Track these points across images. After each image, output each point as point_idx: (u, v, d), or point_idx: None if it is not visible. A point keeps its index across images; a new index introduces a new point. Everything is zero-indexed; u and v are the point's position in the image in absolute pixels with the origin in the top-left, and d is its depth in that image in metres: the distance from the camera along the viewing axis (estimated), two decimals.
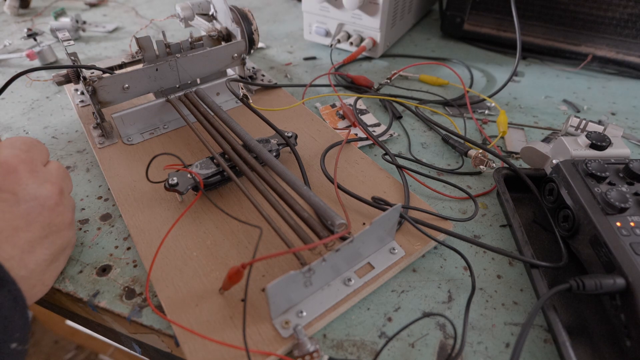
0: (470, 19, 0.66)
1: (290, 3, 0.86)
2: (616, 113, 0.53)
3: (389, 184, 0.39)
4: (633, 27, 0.57)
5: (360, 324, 0.30)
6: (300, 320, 0.28)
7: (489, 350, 0.28)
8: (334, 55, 0.64)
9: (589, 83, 0.59)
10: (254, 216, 0.36)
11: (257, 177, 0.34)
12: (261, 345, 0.27)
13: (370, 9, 0.58)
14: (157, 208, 0.36)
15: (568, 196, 0.33)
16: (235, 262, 0.32)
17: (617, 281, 0.27)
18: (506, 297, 0.31)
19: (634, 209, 0.31)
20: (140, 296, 0.31)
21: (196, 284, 0.30)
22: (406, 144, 0.46)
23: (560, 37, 0.62)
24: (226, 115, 0.41)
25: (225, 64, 0.48)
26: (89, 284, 0.32)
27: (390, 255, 0.32)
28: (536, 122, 0.51)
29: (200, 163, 0.37)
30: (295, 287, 0.27)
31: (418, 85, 0.57)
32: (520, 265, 0.34)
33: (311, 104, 0.53)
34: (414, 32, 0.73)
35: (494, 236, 0.36)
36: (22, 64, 0.63)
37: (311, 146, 0.43)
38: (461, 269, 0.33)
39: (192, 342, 0.27)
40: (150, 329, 0.30)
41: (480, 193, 0.40)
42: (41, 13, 0.80)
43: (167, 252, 0.32)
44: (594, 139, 0.36)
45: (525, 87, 0.57)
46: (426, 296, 0.31)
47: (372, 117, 0.50)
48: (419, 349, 0.28)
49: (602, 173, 0.32)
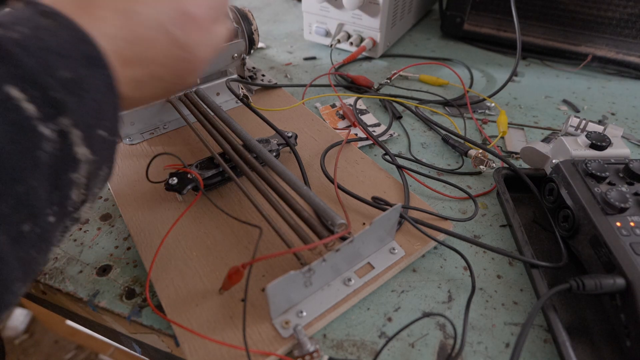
0: (470, 19, 0.66)
1: (290, 3, 0.86)
2: (616, 113, 0.53)
3: (389, 184, 0.39)
4: (633, 27, 0.57)
5: (360, 324, 0.30)
6: (300, 320, 0.28)
7: (489, 350, 0.28)
8: (334, 55, 0.64)
9: (589, 83, 0.59)
10: (254, 216, 0.36)
11: (257, 177, 0.34)
12: (261, 345, 0.27)
13: (370, 9, 0.58)
14: (157, 208, 0.36)
15: (568, 196, 0.33)
16: (235, 262, 0.32)
17: (617, 281, 0.27)
18: (506, 297, 0.31)
19: (634, 209, 0.31)
20: (140, 296, 0.31)
21: (196, 284, 0.30)
22: (406, 144, 0.46)
23: (560, 37, 0.62)
24: (226, 115, 0.41)
25: (225, 64, 0.48)
26: (89, 284, 0.32)
27: (390, 255, 0.32)
28: (536, 122, 0.51)
29: (200, 163, 0.37)
30: (295, 287, 0.27)
31: (418, 85, 0.57)
32: (520, 265, 0.34)
33: (311, 104, 0.53)
34: (414, 32, 0.73)
35: (494, 236, 0.36)
36: None
37: (311, 146, 0.43)
38: (461, 269, 0.33)
39: (192, 342, 0.27)
40: (150, 329, 0.30)
41: (480, 193, 0.40)
42: None
43: (167, 252, 0.32)
44: (594, 139, 0.36)
45: (525, 87, 0.57)
46: (426, 296, 0.31)
47: (372, 117, 0.50)
48: (419, 349, 0.28)
49: (602, 173, 0.32)
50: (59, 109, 0.18)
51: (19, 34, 0.18)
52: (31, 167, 0.17)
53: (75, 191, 0.20)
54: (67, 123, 0.19)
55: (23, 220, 0.17)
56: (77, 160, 0.19)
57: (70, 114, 0.18)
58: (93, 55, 0.20)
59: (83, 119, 0.19)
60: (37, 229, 0.18)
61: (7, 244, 0.17)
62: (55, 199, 0.19)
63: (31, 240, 0.18)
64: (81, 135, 0.19)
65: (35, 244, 0.18)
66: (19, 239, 0.17)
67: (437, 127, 0.47)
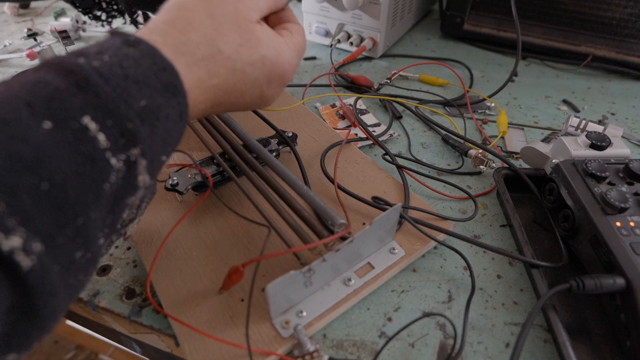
0: (470, 19, 0.66)
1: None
2: (616, 113, 0.53)
3: (389, 184, 0.39)
4: (633, 27, 0.57)
5: (360, 324, 0.30)
6: (300, 320, 0.28)
7: (489, 350, 0.28)
8: (334, 55, 0.64)
9: (589, 83, 0.59)
10: (254, 216, 0.36)
11: (257, 177, 0.34)
12: (261, 345, 0.27)
13: (371, 9, 0.58)
14: (157, 208, 0.36)
15: (568, 196, 0.33)
16: (236, 262, 0.32)
17: (617, 281, 0.27)
18: (506, 297, 0.31)
19: (633, 209, 0.31)
20: (140, 296, 0.31)
21: (196, 283, 0.30)
22: (406, 144, 0.46)
23: (560, 37, 0.62)
24: (226, 115, 0.41)
25: None
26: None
27: (390, 255, 0.32)
28: (536, 122, 0.51)
29: (200, 163, 0.37)
30: (295, 287, 0.27)
31: (418, 85, 0.57)
32: (520, 265, 0.34)
33: (311, 104, 0.53)
34: (414, 32, 0.73)
35: (494, 236, 0.36)
36: (23, 64, 0.63)
37: (311, 146, 0.43)
38: (461, 269, 0.33)
39: (193, 342, 0.27)
40: (150, 329, 0.30)
41: (480, 193, 0.40)
42: (41, 13, 0.80)
43: (167, 252, 0.32)
44: (594, 139, 0.36)
45: (525, 87, 0.57)
46: (426, 296, 0.31)
47: (372, 117, 0.50)
48: (419, 349, 0.28)
49: (602, 173, 0.32)
50: (131, 140, 0.18)
51: (100, 63, 0.18)
52: (94, 199, 0.17)
53: (127, 212, 0.20)
54: (137, 153, 0.18)
55: (77, 249, 0.17)
56: (137, 187, 0.19)
57: (140, 143, 0.18)
58: (173, 84, 0.20)
59: (151, 148, 0.19)
60: (88, 254, 0.18)
61: (58, 273, 0.16)
62: (108, 221, 0.19)
63: (81, 266, 0.18)
64: (146, 164, 0.19)
65: (84, 268, 0.18)
66: (70, 266, 0.17)
67: (437, 127, 0.47)
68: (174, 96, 0.20)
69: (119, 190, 0.18)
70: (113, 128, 0.17)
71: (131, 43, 0.20)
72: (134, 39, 0.20)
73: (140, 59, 0.19)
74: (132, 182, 0.19)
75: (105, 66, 0.18)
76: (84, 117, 0.17)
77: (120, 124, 0.18)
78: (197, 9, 0.23)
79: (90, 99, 0.17)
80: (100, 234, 0.19)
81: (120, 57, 0.19)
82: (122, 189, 0.19)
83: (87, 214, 0.17)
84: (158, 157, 0.20)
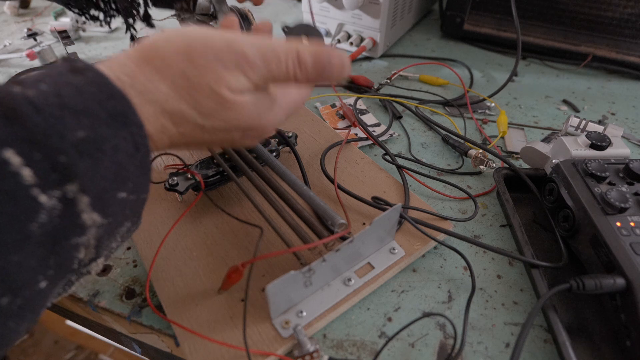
0: (470, 19, 0.66)
1: (290, 3, 0.86)
2: (616, 113, 0.53)
3: (389, 184, 0.39)
4: (633, 27, 0.57)
5: (360, 324, 0.30)
6: (300, 320, 0.28)
7: (489, 350, 0.28)
8: None
9: (589, 83, 0.59)
10: (254, 216, 0.36)
11: (257, 177, 0.34)
12: (261, 345, 0.27)
13: (371, 9, 0.58)
14: (157, 208, 0.36)
15: (568, 196, 0.33)
16: (235, 262, 0.32)
17: (617, 281, 0.27)
18: (506, 297, 0.31)
19: (634, 209, 0.31)
20: (140, 296, 0.31)
21: (196, 283, 0.30)
22: (406, 144, 0.46)
23: (560, 37, 0.62)
24: None
25: None
26: (89, 284, 0.32)
27: (390, 255, 0.32)
28: (536, 122, 0.51)
29: (200, 163, 0.37)
30: (295, 287, 0.27)
31: (418, 85, 0.57)
32: (520, 265, 0.34)
33: (311, 104, 0.53)
34: (414, 32, 0.73)
35: (494, 236, 0.36)
36: (22, 64, 0.63)
37: (311, 146, 0.43)
38: (461, 269, 0.33)
39: (192, 342, 0.27)
40: (150, 329, 0.30)
41: (480, 193, 0.40)
42: (41, 13, 0.80)
43: (167, 252, 0.32)
44: (594, 139, 0.36)
45: (525, 87, 0.57)
46: (426, 296, 0.31)
47: (372, 117, 0.50)
48: (419, 349, 0.28)
49: (602, 173, 0.32)
50: (66, 175, 0.16)
51: (35, 92, 0.17)
52: (17, 241, 0.16)
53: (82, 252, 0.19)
54: (74, 189, 0.17)
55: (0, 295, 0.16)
56: (83, 226, 0.18)
57: (79, 179, 0.17)
58: (122, 113, 0.19)
59: (95, 183, 0.17)
60: (19, 300, 0.17)
61: None
62: (52, 263, 0.17)
63: (9, 313, 0.16)
64: (90, 201, 0.17)
65: (15, 314, 0.17)
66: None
67: (437, 127, 0.47)
68: (125, 126, 0.19)
69: (57, 230, 0.17)
70: (42, 162, 0.16)
71: (78, 70, 0.18)
72: (83, 65, 0.19)
73: (83, 86, 0.18)
74: (75, 221, 0.17)
75: (40, 95, 0.17)
76: (5, 150, 0.15)
77: (51, 157, 0.16)
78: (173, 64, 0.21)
79: (16, 130, 0.16)
80: (39, 277, 0.17)
81: (60, 85, 0.18)
82: (62, 228, 0.17)
83: (6, 256, 0.15)
84: (109, 194, 0.18)
